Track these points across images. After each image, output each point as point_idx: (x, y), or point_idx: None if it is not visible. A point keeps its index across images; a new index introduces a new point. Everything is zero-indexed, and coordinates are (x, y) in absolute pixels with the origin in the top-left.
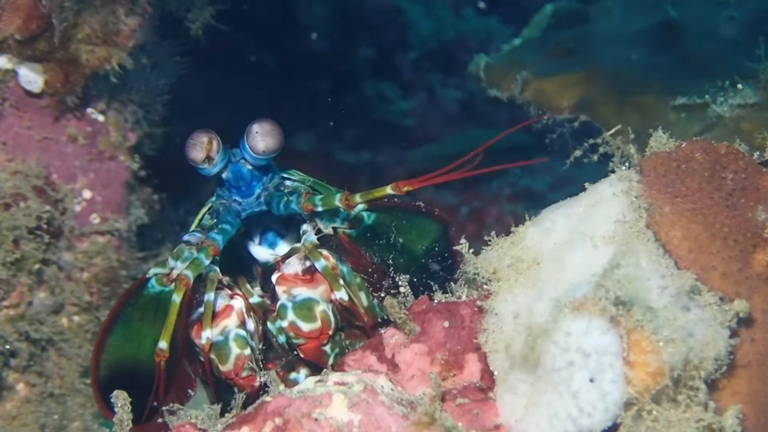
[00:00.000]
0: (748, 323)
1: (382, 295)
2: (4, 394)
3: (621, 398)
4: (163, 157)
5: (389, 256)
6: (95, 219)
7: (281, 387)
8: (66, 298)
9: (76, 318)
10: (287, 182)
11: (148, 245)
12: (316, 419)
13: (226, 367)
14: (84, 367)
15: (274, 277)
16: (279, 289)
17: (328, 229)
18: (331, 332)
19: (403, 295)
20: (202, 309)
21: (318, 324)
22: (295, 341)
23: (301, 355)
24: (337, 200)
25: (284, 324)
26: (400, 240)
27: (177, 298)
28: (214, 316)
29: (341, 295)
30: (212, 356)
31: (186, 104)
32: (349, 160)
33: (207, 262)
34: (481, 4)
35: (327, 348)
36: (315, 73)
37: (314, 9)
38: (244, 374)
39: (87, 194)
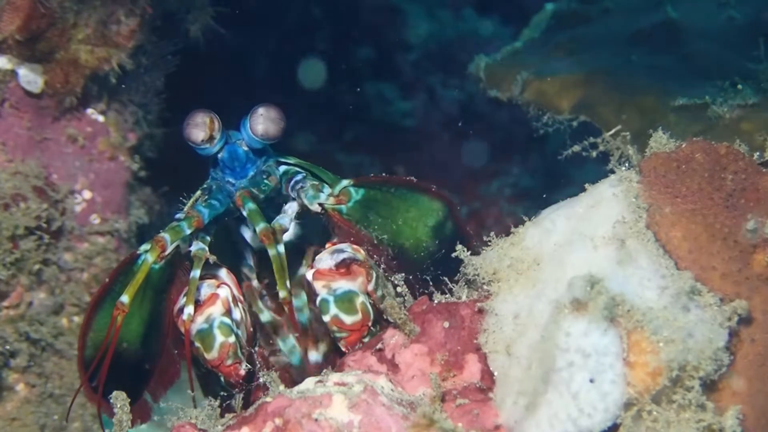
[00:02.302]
0: (748, 324)
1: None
2: (4, 395)
3: (621, 399)
4: (163, 157)
5: (390, 235)
6: (95, 219)
7: (281, 387)
8: (66, 298)
9: (75, 318)
10: (282, 167)
11: None
12: (316, 420)
13: (210, 355)
14: None
15: (309, 274)
16: (317, 285)
17: (314, 206)
18: (370, 323)
19: (401, 294)
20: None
21: (360, 316)
22: (338, 335)
23: (344, 350)
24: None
25: (327, 318)
26: (399, 218)
27: (149, 257)
28: (201, 304)
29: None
30: (198, 344)
31: (185, 105)
32: (348, 161)
33: (188, 231)
34: (481, 5)
35: (366, 340)
36: (314, 73)
37: (313, 10)
38: (228, 362)
39: (87, 195)
